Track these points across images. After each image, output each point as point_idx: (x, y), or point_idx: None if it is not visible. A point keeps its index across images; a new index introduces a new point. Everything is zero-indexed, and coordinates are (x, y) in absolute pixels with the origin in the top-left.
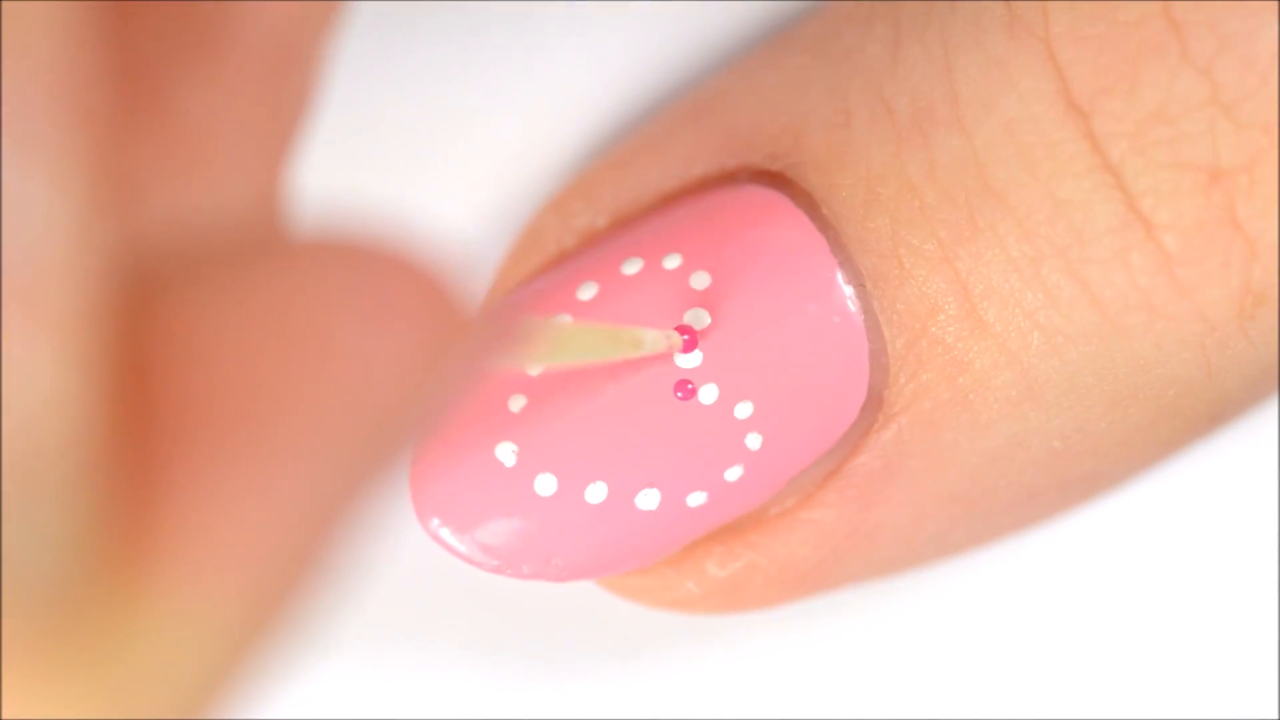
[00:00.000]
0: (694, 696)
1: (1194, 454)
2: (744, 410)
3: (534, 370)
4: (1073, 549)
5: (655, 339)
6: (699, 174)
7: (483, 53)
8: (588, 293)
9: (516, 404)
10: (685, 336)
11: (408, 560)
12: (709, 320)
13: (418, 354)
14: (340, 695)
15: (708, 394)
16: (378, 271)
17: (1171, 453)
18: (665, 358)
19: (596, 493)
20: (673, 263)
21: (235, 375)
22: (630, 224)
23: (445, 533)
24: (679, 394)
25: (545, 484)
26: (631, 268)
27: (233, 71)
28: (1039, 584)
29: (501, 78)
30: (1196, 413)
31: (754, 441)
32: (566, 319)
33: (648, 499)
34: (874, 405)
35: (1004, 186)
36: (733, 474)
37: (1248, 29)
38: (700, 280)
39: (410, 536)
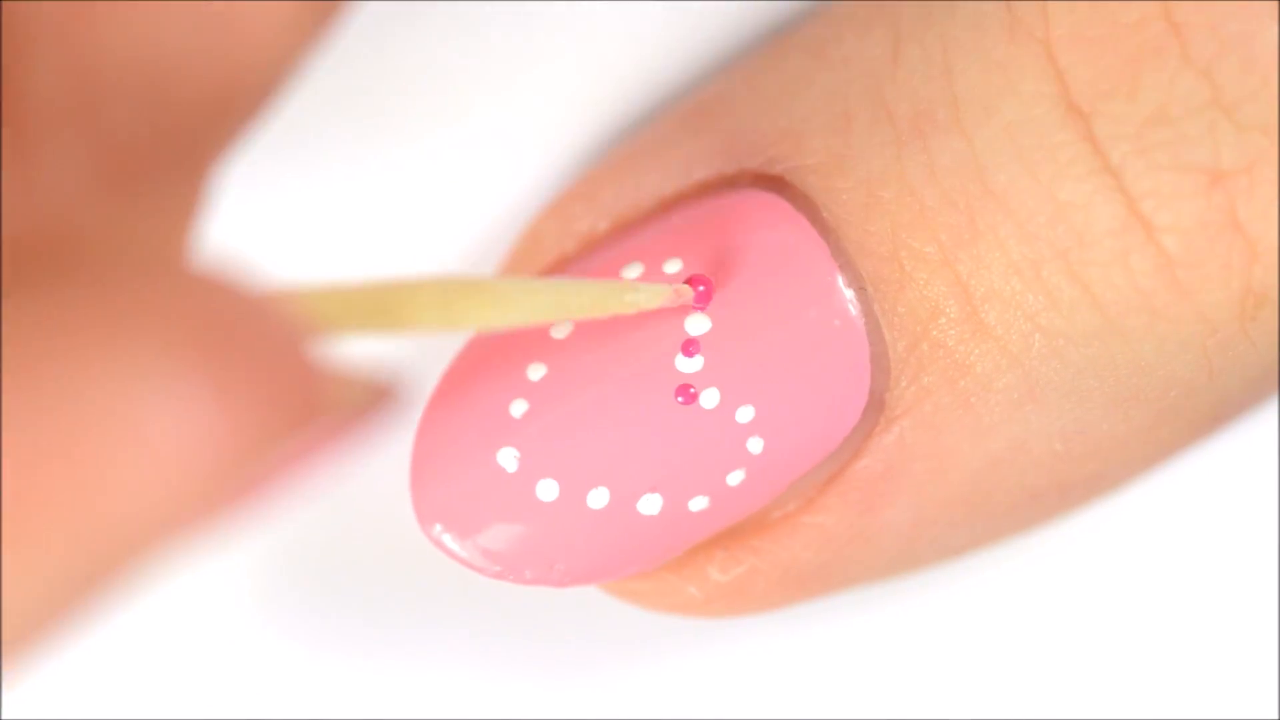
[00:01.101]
0: (696, 698)
1: (1195, 455)
2: (745, 414)
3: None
4: (1075, 551)
5: (654, 292)
6: (699, 178)
7: (482, 55)
8: None
9: (518, 409)
10: (701, 287)
11: (410, 565)
12: (709, 325)
13: (233, 432)
14: (342, 698)
15: (709, 398)
16: (235, 335)
17: (1173, 454)
18: (672, 347)
19: (598, 498)
20: (673, 267)
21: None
22: (631, 228)
23: (447, 538)
24: (680, 398)
25: (547, 489)
26: (632, 272)
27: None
28: (1041, 586)
29: (501, 81)
30: (1198, 414)
31: (755, 445)
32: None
33: (650, 504)
34: (875, 408)
35: (1005, 189)
36: (734, 478)
37: (1248, 31)
38: (700, 284)
39: (412, 541)
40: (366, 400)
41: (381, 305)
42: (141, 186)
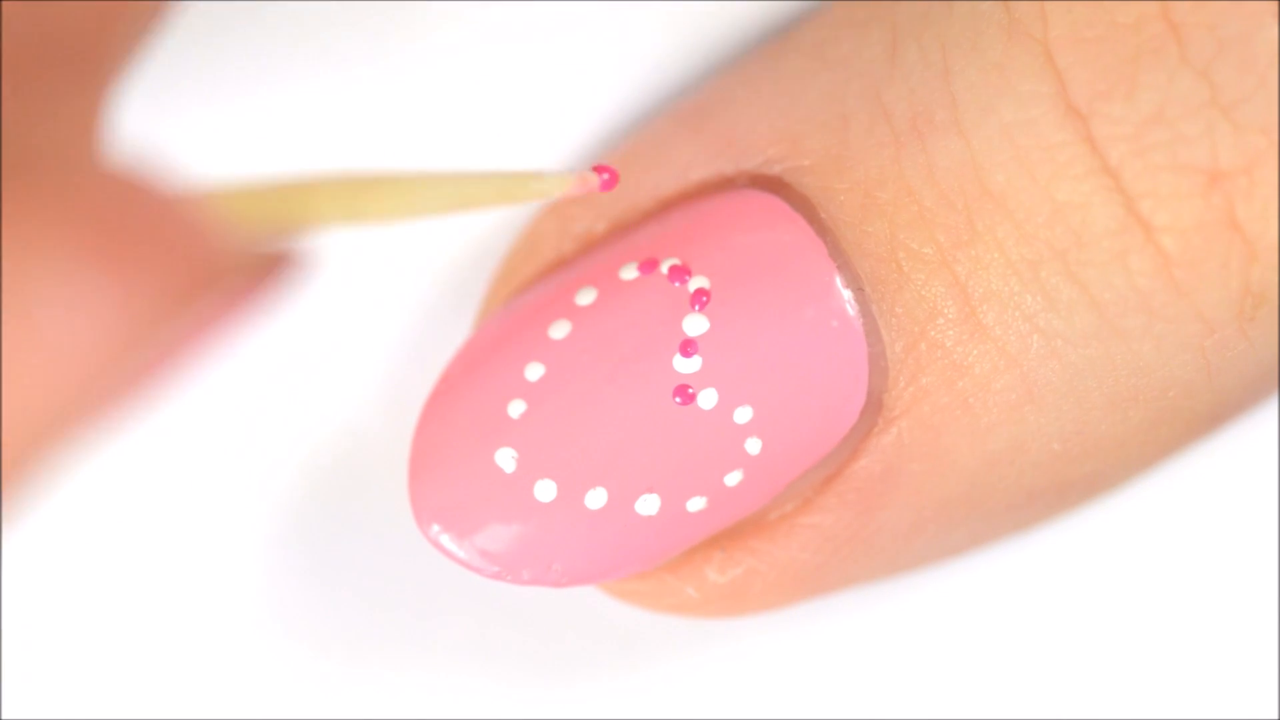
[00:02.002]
0: (694, 699)
1: (1194, 454)
2: (743, 415)
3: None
4: (1073, 549)
5: (558, 180)
6: (697, 179)
7: (481, 57)
8: (586, 298)
9: (516, 409)
10: (604, 175)
11: (408, 565)
12: (708, 325)
13: (125, 310)
14: (340, 699)
15: (707, 399)
16: (124, 213)
17: (1171, 454)
18: (670, 347)
19: (596, 498)
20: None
21: None
22: (628, 229)
23: (445, 539)
24: (678, 399)
25: (545, 489)
26: (630, 273)
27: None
28: (1040, 584)
29: (499, 81)
30: (1196, 414)
31: (753, 446)
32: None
33: (648, 504)
34: (873, 409)
35: (1003, 190)
36: (732, 479)
37: (1246, 31)
38: (698, 285)
39: (410, 542)
40: (262, 269)
41: (285, 201)
42: (34, 93)
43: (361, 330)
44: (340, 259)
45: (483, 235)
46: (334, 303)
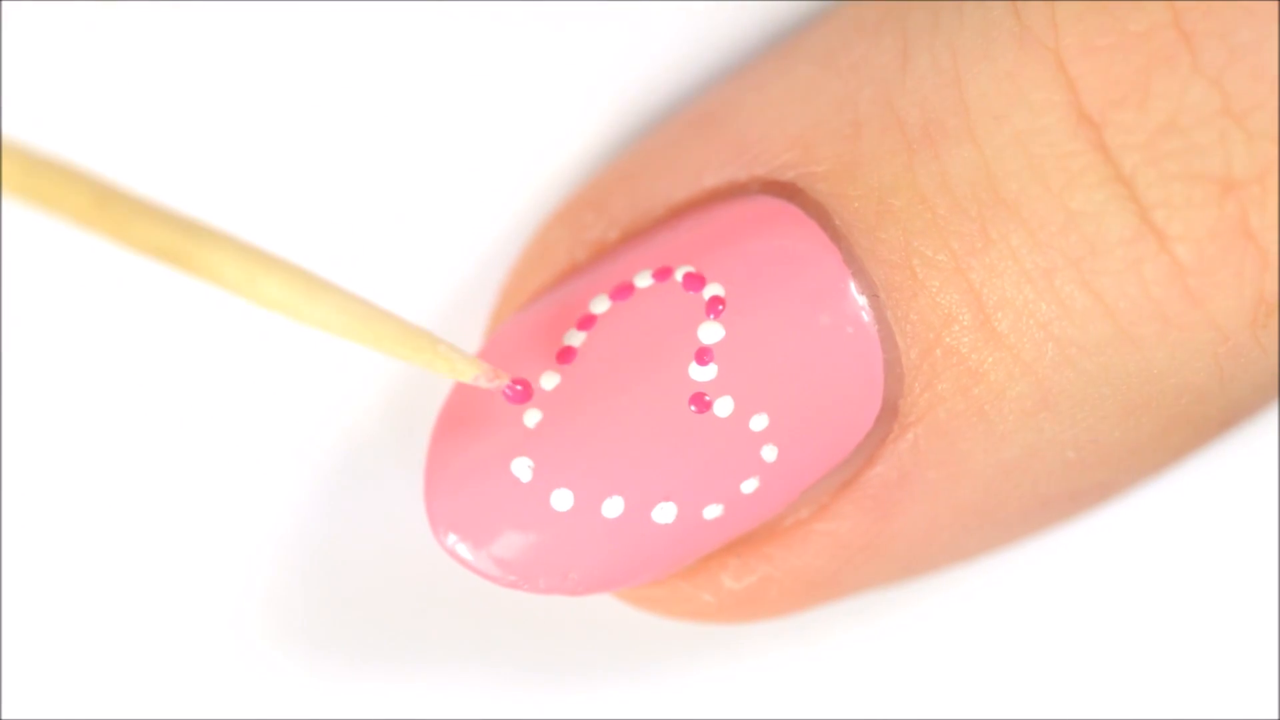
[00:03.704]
0: (709, 704)
1: (1202, 456)
2: (759, 422)
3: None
4: (1083, 552)
5: (466, 364)
6: (710, 185)
7: (490, 61)
8: (600, 306)
9: (532, 419)
10: (519, 387)
11: (418, 572)
12: (723, 333)
13: None
14: (354, 707)
15: (723, 407)
16: None
17: (1182, 459)
18: (686, 355)
19: (613, 507)
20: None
21: None
22: (641, 236)
23: (462, 548)
24: (694, 407)
25: (561, 499)
26: (644, 281)
27: None
28: (1051, 589)
29: (509, 86)
30: (1208, 420)
31: (770, 453)
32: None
33: (664, 512)
34: (889, 415)
35: (1016, 198)
36: (749, 486)
37: (1258, 39)
38: (713, 292)
39: (421, 549)
40: None
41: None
42: None
43: None
44: (349, 266)
45: (493, 242)
46: None
